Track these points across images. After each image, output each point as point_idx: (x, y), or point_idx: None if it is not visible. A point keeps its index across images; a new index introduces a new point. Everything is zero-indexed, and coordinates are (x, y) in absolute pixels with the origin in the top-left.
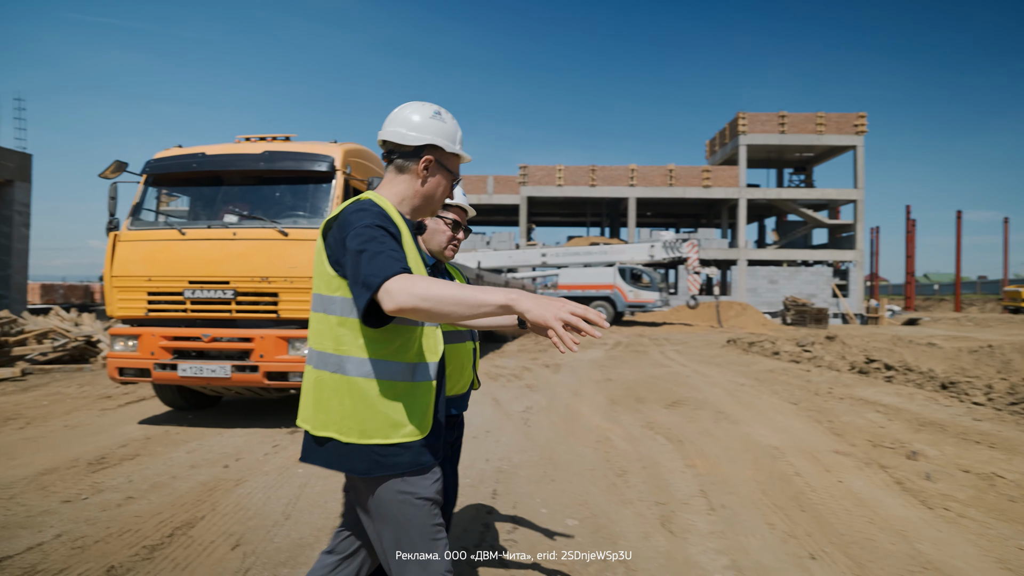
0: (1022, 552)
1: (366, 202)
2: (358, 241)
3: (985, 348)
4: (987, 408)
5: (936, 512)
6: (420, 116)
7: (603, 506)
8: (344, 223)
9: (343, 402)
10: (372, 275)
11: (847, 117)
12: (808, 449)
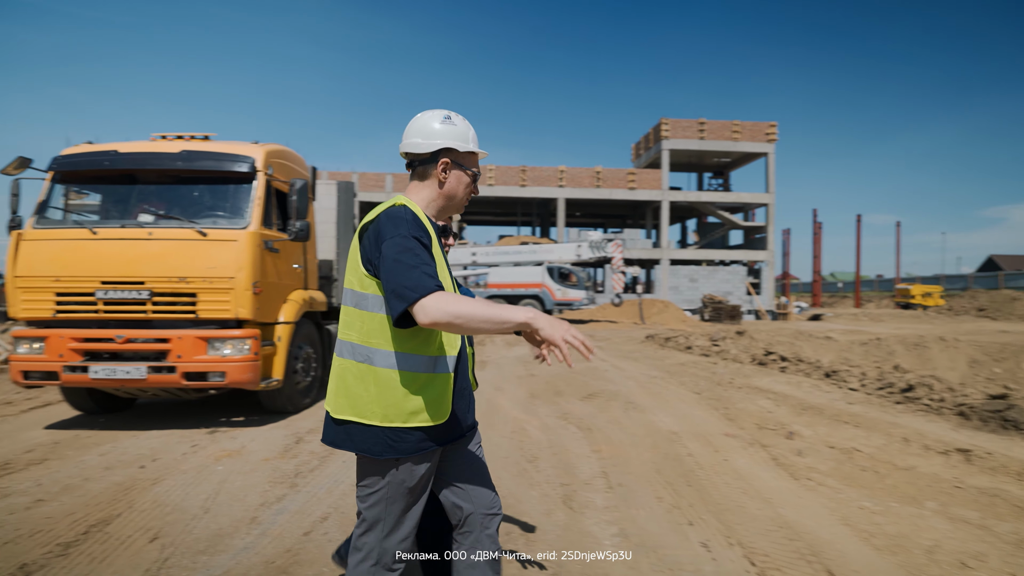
0: (861, 511)
1: (400, 208)
2: (395, 250)
3: (874, 340)
4: (859, 393)
5: (800, 482)
6: (432, 123)
7: (512, 489)
8: (381, 228)
9: (368, 389)
10: (408, 288)
11: (760, 126)
12: (703, 433)
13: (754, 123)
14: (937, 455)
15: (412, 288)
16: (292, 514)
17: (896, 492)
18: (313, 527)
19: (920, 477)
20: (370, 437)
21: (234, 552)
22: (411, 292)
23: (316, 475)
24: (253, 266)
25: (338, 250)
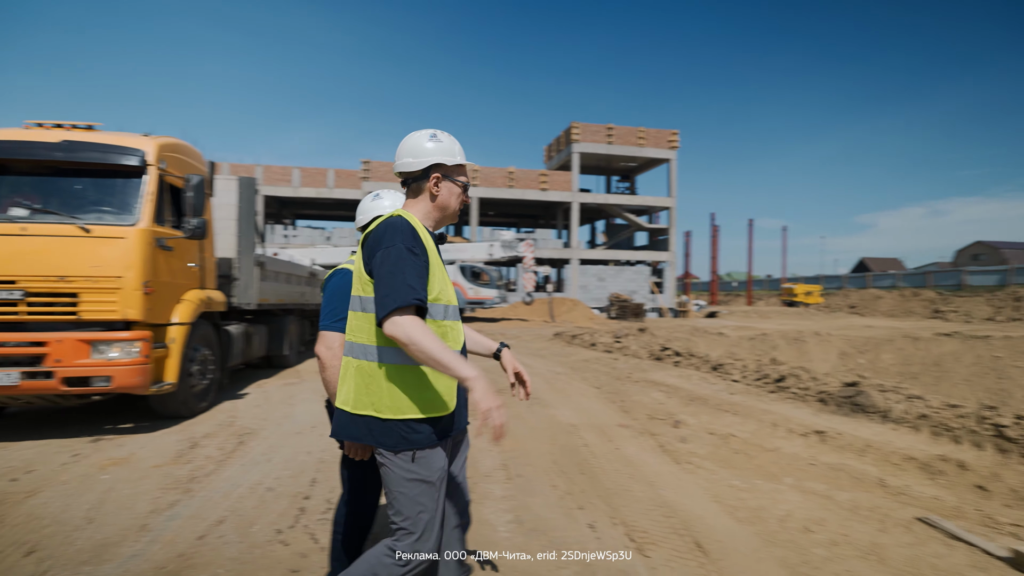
0: (731, 489)
1: (398, 219)
2: (389, 261)
3: (760, 336)
4: (740, 384)
5: (681, 466)
6: (422, 143)
7: None
8: (379, 236)
9: (381, 385)
10: (391, 298)
11: (663, 133)
12: (599, 425)
13: (658, 130)
14: (798, 437)
15: (394, 299)
16: (185, 519)
17: (761, 471)
18: (208, 531)
19: (782, 457)
20: (386, 431)
21: (121, 560)
22: (392, 302)
23: (213, 479)
24: (143, 265)
25: (239, 248)
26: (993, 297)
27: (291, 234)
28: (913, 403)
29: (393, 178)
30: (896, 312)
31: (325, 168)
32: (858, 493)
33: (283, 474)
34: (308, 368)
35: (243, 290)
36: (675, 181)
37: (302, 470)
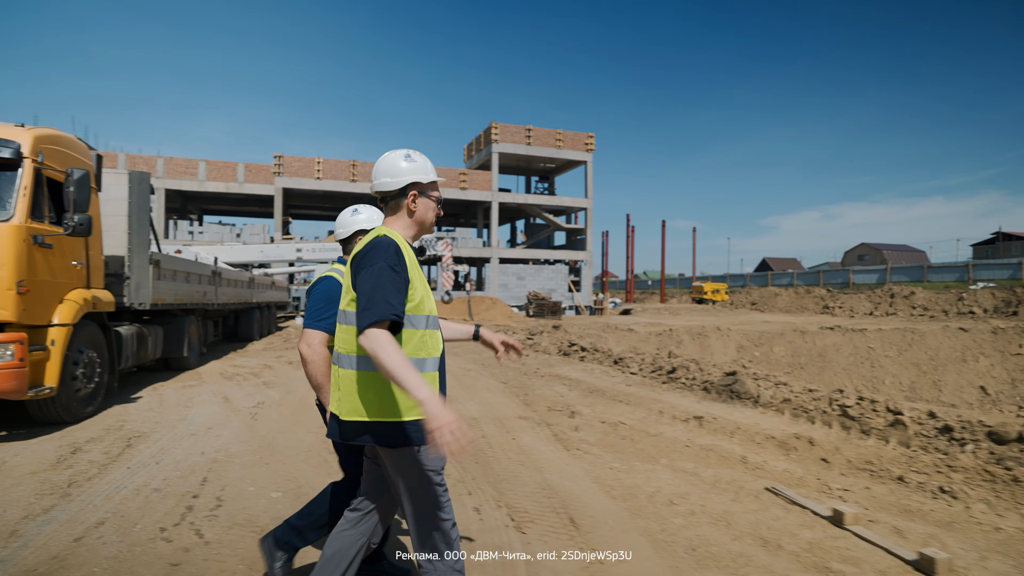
0: (611, 471)
1: (383, 239)
2: (371, 278)
3: (667, 331)
4: (638, 376)
5: (571, 452)
6: (398, 163)
7: (310, 479)
8: (364, 256)
9: (371, 390)
10: (369, 312)
11: (580, 136)
12: (500, 417)
13: (575, 133)
14: (680, 422)
15: (373, 313)
16: (62, 523)
17: (642, 454)
18: (86, 533)
19: (662, 441)
20: (381, 432)
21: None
22: (370, 316)
23: (95, 483)
24: (17, 263)
25: (130, 245)
26: (873, 294)
27: (197, 231)
28: (780, 389)
29: (305, 173)
30: (792, 308)
31: (235, 162)
32: (721, 469)
33: (172, 475)
34: (211, 371)
35: (135, 289)
36: (591, 182)
37: (193, 470)
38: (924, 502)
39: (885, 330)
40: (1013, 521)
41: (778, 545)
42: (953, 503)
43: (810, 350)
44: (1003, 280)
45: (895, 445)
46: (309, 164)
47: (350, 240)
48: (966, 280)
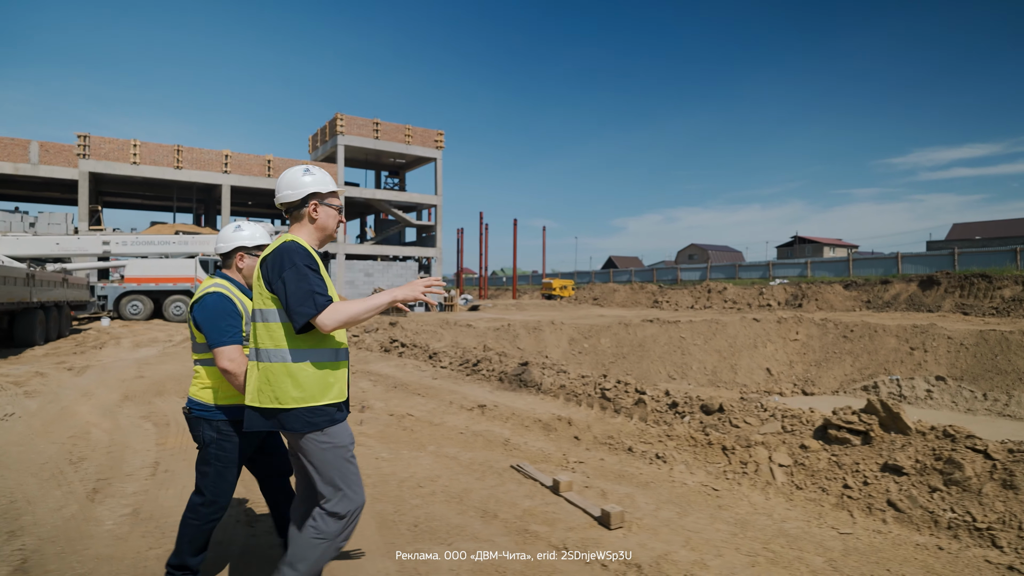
0: (375, 460)
1: (291, 243)
2: (293, 278)
3: (505, 326)
4: (447, 370)
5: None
6: (297, 177)
7: (33, 493)
8: (280, 260)
9: (286, 380)
10: (308, 307)
11: (430, 133)
12: None
13: (425, 129)
14: (465, 411)
15: (311, 306)
16: None
17: (414, 442)
18: None
19: (441, 429)
20: (291, 418)
21: None
22: (310, 310)
23: None
24: None
25: None
26: (694, 289)
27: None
28: (559, 376)
29: (118, 157)
30: (627, 303)
31: (27, 139)
32: (481, 452)
33: None
34: None
35: None
36: (441, 179)
37: None
38: (640, 467)
39: (695, 321)
40: (699, 477)
41: (495, 515)
42: (662, 466)
43: (632, 341)
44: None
45: (636, 421)
46: (123, 147)
47: (231, 255)
48: (767, 277)
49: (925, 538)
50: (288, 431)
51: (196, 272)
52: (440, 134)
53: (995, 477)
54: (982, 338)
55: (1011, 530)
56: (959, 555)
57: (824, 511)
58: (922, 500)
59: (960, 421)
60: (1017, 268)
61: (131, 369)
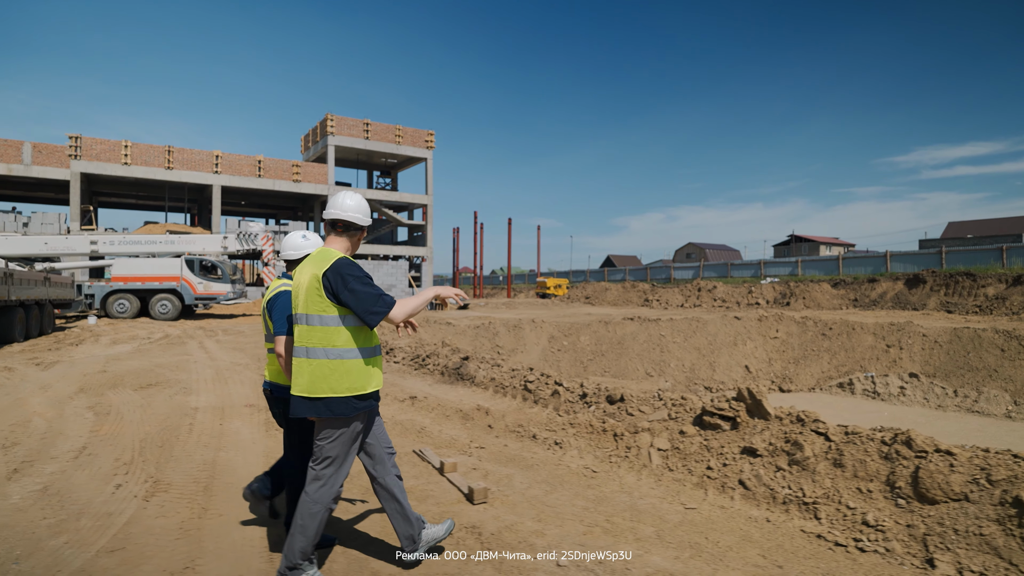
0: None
1: (344, 259)
2: (362, 287)
3: (486, 324)
4: (400, 364)
5: (269, 434)
6: (366, 207)
7: None
8: (341, 272)
9: (337, 373)
10: (381, 306)
11: (420, 133)
12: (225, 406)
13: (415, 130)
14: (398, 402)
15: (383, 306)
16: None
17: None
18: None
19: None
20: (341, 404)
21: None
22: (383, 309)
23: None
24: None
25: None
26: (685, 288)
27: None
28: (493, 370)
29: (110, 157)
30: (619, 301)
31: (20, 140)
32: (395, 439)
33: None
34: None
35: None
36: (431, 180)
37: None
38: (536, 452)
39: (676, 320)
40: (586, 460)
41: None
42: (557, 451)
43: (611, 338)
44: (784, 276)
45: (550, 410)
46: (115, 147)
47: (298, 261)
48: (759, 276)
49: (760, 512)
50: (336, 415)
51: (182, 271)
52: (430, 134)
53: (828, 457)
54: (956, 336)
55: (832, 503)
56: (780, 526)
57: (684, 490)
58: (767, 478)
59: (931, 417)
60: (1003, 266)
61: (98, 364)
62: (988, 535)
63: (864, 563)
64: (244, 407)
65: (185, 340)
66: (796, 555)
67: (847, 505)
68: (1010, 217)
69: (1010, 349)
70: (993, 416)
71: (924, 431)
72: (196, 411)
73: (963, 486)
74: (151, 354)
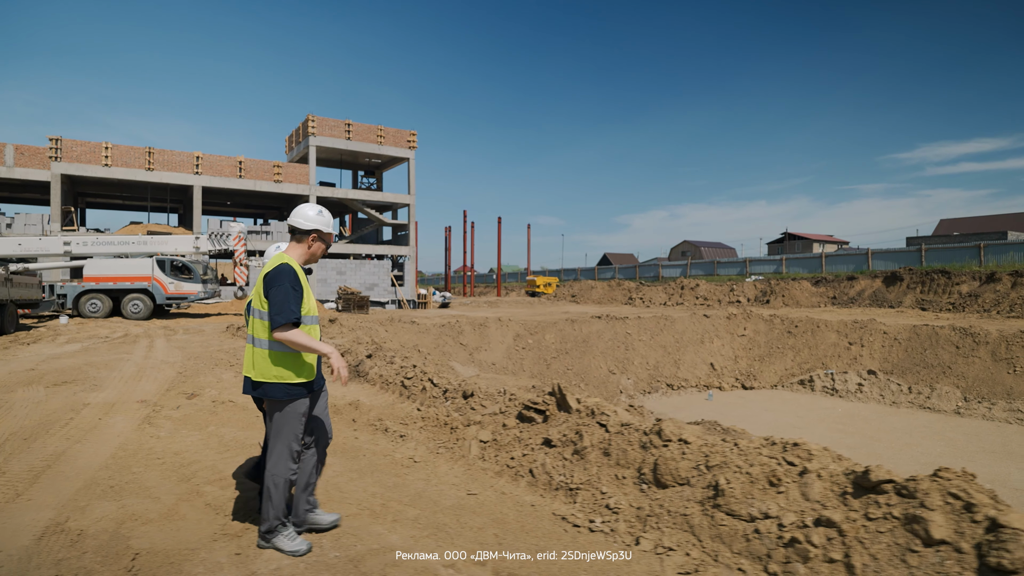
0: (152, 438)
1: (286, 266)
2: (280, 294)
3: (452, 322)
4: None
5: (140, 427)
6: (308, 213)
7: None
8: (272, 278)
9: (270, 362)
10: (281, 316)
11: (402, 133)
12: (119, 402)
13: (397, 130)
14: None
15: (283, 316)
16: None
17: (200, 424)
18: None
19: (242, 413)
20: (275, 389)
21: None
22: (281, 318)
23: None
24: None
25: None
26: (668, 286)
27: None
28: (387, 367)
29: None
30: (603, 300)
31: (2, 143)
32: (251, 432)
33: None
34: None
35: None
36: (413, 179)
37: None
38: (376, 444)
39: (643, 318)
40: (419, 452)
41: (189, 479)
42: (398, 442)
43: (576, 336)
44: (769, 274)
45: (417, 404)
46: (95, 149)
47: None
48: (744, 274)
49: (533, 497)
50: (268, 398)
51: (153, 272)
52: (413, 134)
53: (601, 446)
54: (915, 333)
55: (591, 489)
56: (539, 509)
57: (485, 478)
58: (550, 467)
59: (883, 413)
60: (980, 264)
61: (31, 363)
62: (689, 515)
63: (584, 541)
64: (136, 403)
65: (141, 339)
66: (529, 534)
67: (601, 491)
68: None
69: (964, 346)
70: (943, 412)
71: (874, 427)
72: (86, 407)
73: (688, 472)
74: (94, 352)
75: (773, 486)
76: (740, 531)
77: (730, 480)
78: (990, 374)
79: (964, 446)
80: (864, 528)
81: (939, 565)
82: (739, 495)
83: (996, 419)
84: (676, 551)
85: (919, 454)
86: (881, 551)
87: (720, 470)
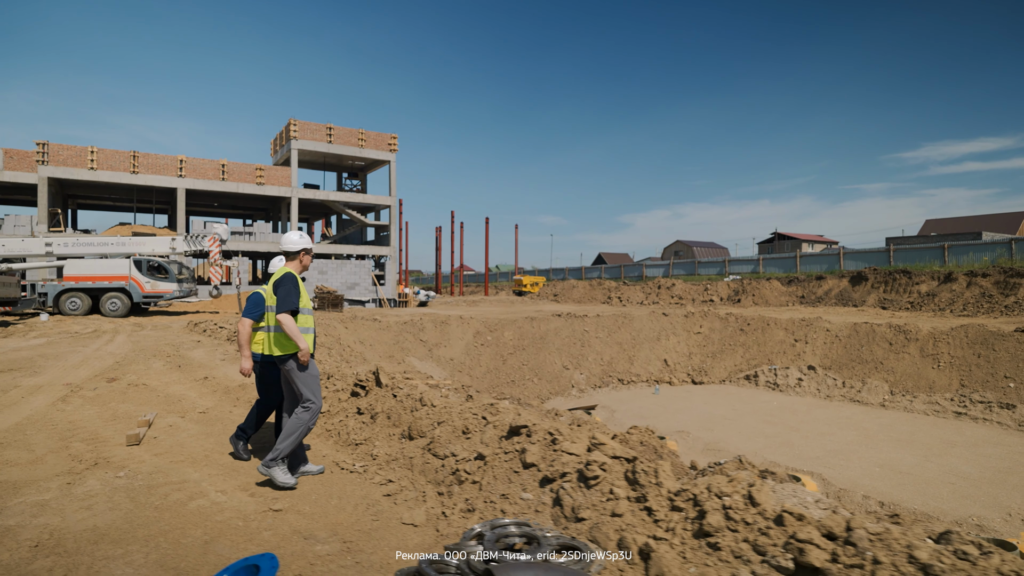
0: (56, 411)
1: (288, 274)
2: (283, 291)
3: (412, 320)
4: None
5: (51, 405)
6: (295, 239)
7: None
8: (279, 282)
9: (283, 341)
10: (282, 305)
11: (383, 136)
12: (46, 385)
13: (378, 134)
14: (192, 381)
15: (283, 306)
16: None
17: (103, 402)
18: None
19: (150, 394)
20: (291, 359)
21: None
22: (282, 307)
23: None
24: None
25: None
26: (646, 286)
27: None
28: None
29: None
30: (583, 299)
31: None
32: (147, 407)
33: None
34: None
35: None
36: (394, 181)
37: None
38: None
39: (603, 316)
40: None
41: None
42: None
43: (534, 333)
44: (747, 273)
45: None
46: (81, 153)
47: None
48: (723, 273)
49: (330, 451)
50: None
51: (130, 271)
52: (394, 138)
53: (386, 412)
54: (855, 330)
55: (368, 444)
56: (327, 458)
57: (309, 439)
58: (352, 428)
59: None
60: (943, 264)
61: None
62: (413, 457)
63: (338, 479)
64: (62, 385)
65: (106, 334)
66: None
67: (375, 444)
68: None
69: (897, 342)
70: (870, 405)
71: (799, 419)
72: (15, 388)
73: (427, 427)
74: (54, 346)
75: (465, 434)
76: (434, 465)
77: (441, 433)
78: (917, 369)
79: (875, 435)
80: (497, 457)
81: (532, 476)
82: (443, 441)
83: (915, 411)
84: (394, 483)
85: (828, 442)
86: (500, 473)
87: (442, 426)
